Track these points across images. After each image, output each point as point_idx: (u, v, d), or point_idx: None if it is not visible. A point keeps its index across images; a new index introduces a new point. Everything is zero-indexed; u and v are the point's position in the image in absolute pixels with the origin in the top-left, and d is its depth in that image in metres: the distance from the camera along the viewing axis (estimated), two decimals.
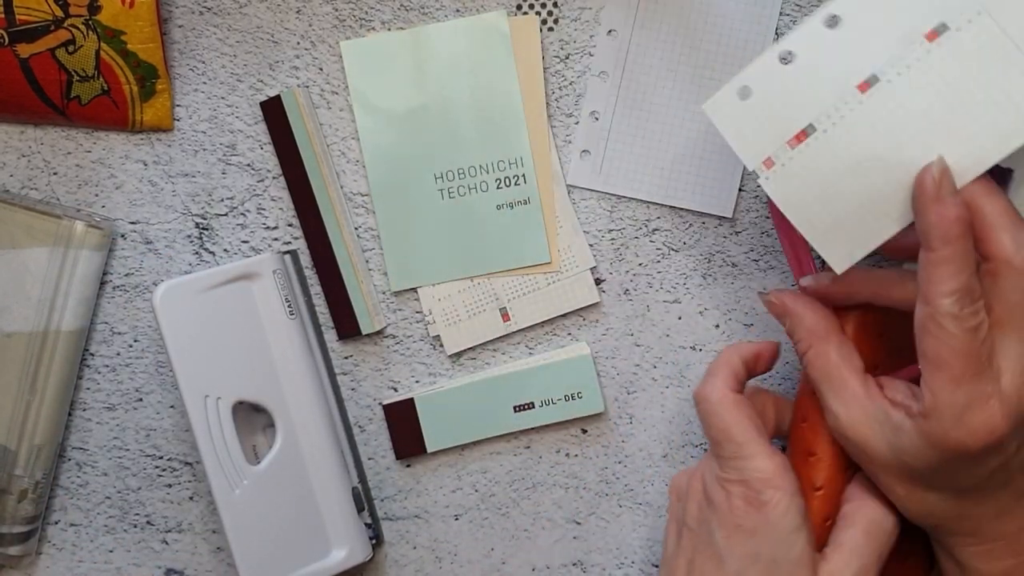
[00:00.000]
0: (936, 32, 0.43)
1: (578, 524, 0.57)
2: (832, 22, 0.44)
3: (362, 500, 0.54)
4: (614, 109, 0.55)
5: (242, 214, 0.56)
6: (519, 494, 0.57)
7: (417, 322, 0.56)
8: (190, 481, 0.57)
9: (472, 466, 0.57)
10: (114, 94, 0.55)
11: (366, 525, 0.54)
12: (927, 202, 0.41)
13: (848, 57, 0.44)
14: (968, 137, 0.43)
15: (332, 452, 0.54)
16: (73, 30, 0.54)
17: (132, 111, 0.55)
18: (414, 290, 0.56)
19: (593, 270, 0.56)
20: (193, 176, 0.56)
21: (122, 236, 0.57)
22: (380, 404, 0.57)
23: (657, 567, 0.56)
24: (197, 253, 0.57)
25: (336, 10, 0.56)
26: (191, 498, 0.57)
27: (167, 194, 0.57)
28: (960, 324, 0.40)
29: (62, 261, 0.54)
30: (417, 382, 0.57)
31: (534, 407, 0.56)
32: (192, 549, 0.57)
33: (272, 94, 0.56)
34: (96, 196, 0.57)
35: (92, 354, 0.57)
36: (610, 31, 0.55)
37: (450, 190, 0.56)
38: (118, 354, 0.57)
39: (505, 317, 0.56)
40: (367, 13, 0.56)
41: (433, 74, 0.55)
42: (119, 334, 0.57)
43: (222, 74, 0.56)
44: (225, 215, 0.57)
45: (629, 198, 0.56)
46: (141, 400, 0.57)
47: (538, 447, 0.57)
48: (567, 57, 0.56)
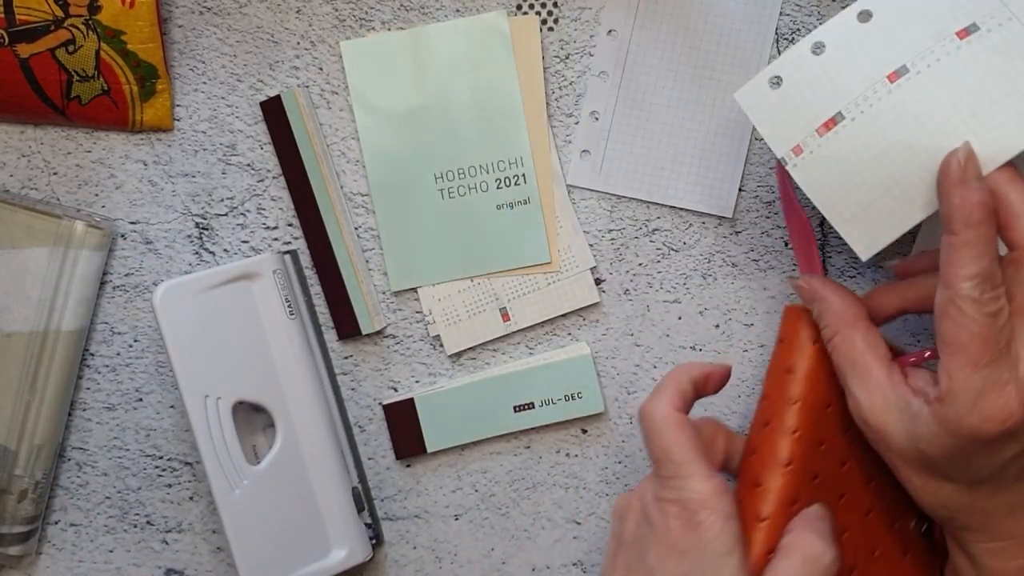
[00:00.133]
0: (967, 31, 0.44)
1: (578, 524, 0.57)
2: (864, 17, 0.45)
3: (362, 500, 0.54)
4: (614, 109, 0.56)
5: (242, 214, 0.57)
6: (519, 494, 0.57)
7: (417, 322, 0.56)
8: (190, 481, 0.57)
9: (472, 466, 0.57)
10: (114, 94, 0.55)
11: (366, 525, 0.54)
12: (951, 185, 0.42)
13: (879, 50, 0.45)
14: (994, 126, 0.43)
15: (332, 452, 0.54)
16: (73, 30, 0.54)
17: (132, 111, 0.55)
18: (414, 290, 0.56)
19: (593, 270, 0.56)
20: (193, 176, 0.56)
21: (122, 236, 0.57)
22: (380, 404, 0.57)
23: None
24: (197, 253, 0.57)
25: (336, 10, 0.56)
26: (191, 498, 0.57)
27: (167, 194, 0.57)
28: (979, 308, 0.40)
29: (62, 261, 0.54)
30: (417, 382, 0.57)
31: (534, 407, 0.56)
32: (192, 549, 0.57)
33: (272, 94, 0.56)
34: (96, 196, 0.57)
35: (92, 354, 0.57)
36: (610, 31, 0.55)
37: (450, 190, 0.56)
38: (118, 354, 0.57)
39: (505, 317, 0.56)
40: (367, 13, 0.56)
41: (433, 74, 0.55)
42: (119, 334, 0.57)
43: (222, 74, 0.56)
44: (225, 215, 0.57)
45: (629, 198, 0.56)
46: (141, 400, 0.57)
47: (538, 447, 0.57)
48: (567, 57, 0.56)
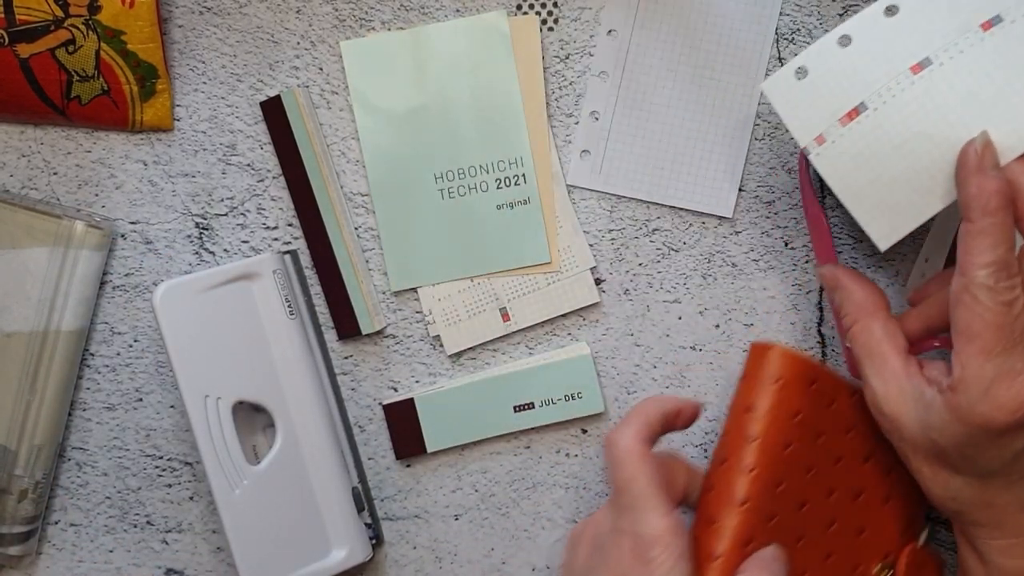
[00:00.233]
0: (991, 23, 0.44)
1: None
2: (891, 11, 0.46)
3: (362, 500, 0.54)
4: (614, 109, 0.55)
5: (242, 214, 0.57)
6: (519, 494, 0.57)
7: (417, 322, 0.56)
8: (190, 481, 0.57)
9: (472, 466, 0.57)
10: (114, 94, 0.55)
11: (366, 525, 0.54)
12: (968, 173, 0.42)
13: (903, 42, 0.45)
14: (1014, 118, 0.44)
15: (332, 452, 0.54)
16: (73, 30, 0.54)
17: (132, 111, 0.55)
18: (414, 290, 0.56)
19: (593, 270, 0.56)
20: (193, 176, 0.56)
21: (122, 236, 0.57)
22: (380, 404, 0.57)
23: None
24: (197, 253, 0.57)
25: (336, 10, 0.56)
26: (191, 498, 0.57)
27: (167, 194, 0.57)
28: (994, 297, 0.40)
29: (62, 261, 0.54)
30: (417, 382, 0.57)
31: (534, 407, 0.56)
32: (192, 549, 0.57)
33: (272, 94, 0.56)
34: (96, 196, 0.57)
35: (92, 354, 0.57)
36: (610, 31, 0.55)
37: (450, 190, 0.56)
38: (118, 354, 0.57)
39: (505, 317, 0.56)
40: (367, 13, 0.56)
41: (433, 74, 0.55)
42: (119, 334, 0.57)
43: (222, 74, 0.56)
44: (225, 215, 0.57)
45: (629, 198, 0.56)
46: (141, 400, 0.57)
47: (538, 447, 0.57)
48: (567, 57, 0.56)
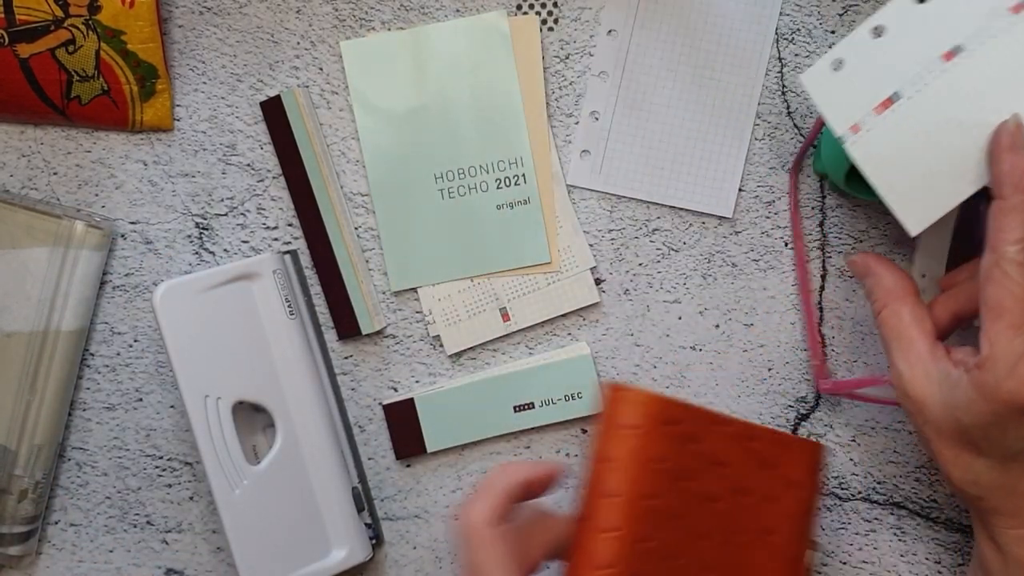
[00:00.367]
0: (1021, 4, 0.45)
1: None
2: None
3: (362, 500, 0.54)
4: (614, 109, 0.55)
5: (242, 214, 0.57)
6: None
7: (417, 322, 0.56)
8: (190, 481, 0.57)
9: (472, 466, 0.57)
10: (114, 94, 0.55)
11: (366, 525, 0.54)
12: (1001, 151, 0.43)
13: (935, 29, 0.46)
14: None
15: (332, 452, 0.54)
16: (73, 30, 0.54)
17: (132, 111, 0.55)
18: (414, 290, 0.56)
19: (593, 270, 0.56)
20: (193, 176, 0.56)
21: (122, 236, 0.57)
22: (380, 404, 0.57)
23: None
24: (197, 253, 0.57)
25: (336, 10, 0.56)
26: (191, 498, 0.57)
27: (167, 194, 0.57)
28: None
29: (62, 261, 0.54)
30: (417, 382, 0.57)
31: (534, 407, 0.56)
32: (192, 549, 0.57)
33: (272, 94, 0.56)
34: (96, 196, 0.57)
35: (92, 354, 0.57)
36: (610, 31, 0.55)
37: (450, 190, 0.56)
38: (118, 354, 0.57)
39: (505, 317, 0.56)
40: (367, 13, 0.56)
41: (433, 74, 0.55)
42: (119, 334, 0.57)
43: (222, 74, 0.56)
44: (225, 215, 0.57)
45: (629, 198, 0.56)
46: (141, 400, 0.57)
47: (538, 447, 0.57)
48: (567, 57, 0.56)
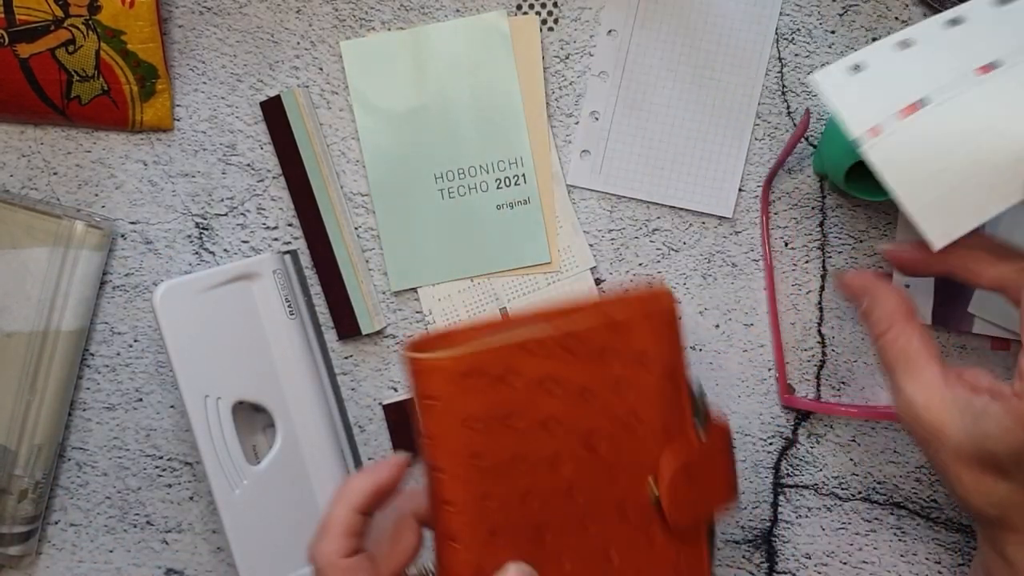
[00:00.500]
0: None
1: None
2: (954, 22, 0.45)
3: None
4: (614, 109, 0.55)
5: (242, 214, 0.56)
6: None
7: (417, 322, 0.56)
8: (190, 481, 0.57)
9: None
10: (114, 94, 0.55)
11: None
12: None
13: (969, 48, 0.44)
14: None
15: (332, 452, 0.54)
16: (73, 30, 0.54)
17: (132, 111, 0.55)
18: (414, 290, 0.56)
19: (593, 270, 0.56)
20: (193, 176, 0.56)
21: (122, 236, 0.57)
22: (380, 404, 0.57)
23: None
24: (197, 253, 0.57)
25: (336, 10, 0.56)
26: (191, 498, 0.57)
27: (167, 194, 0.57)
28: None
29: (62, 261, 0.54)
30: None
31: None
32: (192, 549, 0.57)
33: (272, 94, 0.56)
34: (96, 196, 0.57)
35: (92, 354, 0.57)
36: (610, 31, 0.55)
37: (450, 190, 0.56)
38: (118, 354, 0.57)
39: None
40: (367, 13, 0.56)
41: (433, 74, 0.55)
42: (119, 334, 0.57)
43: (222, 74, 0.56)
44: (225, 215, 0.57)
45: (629, 198, 0.56)
46: (141, 400, 0.57)
47: None
48: (567, 57, 0.56)
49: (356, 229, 0.56)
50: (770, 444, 0.56)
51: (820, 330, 0.56)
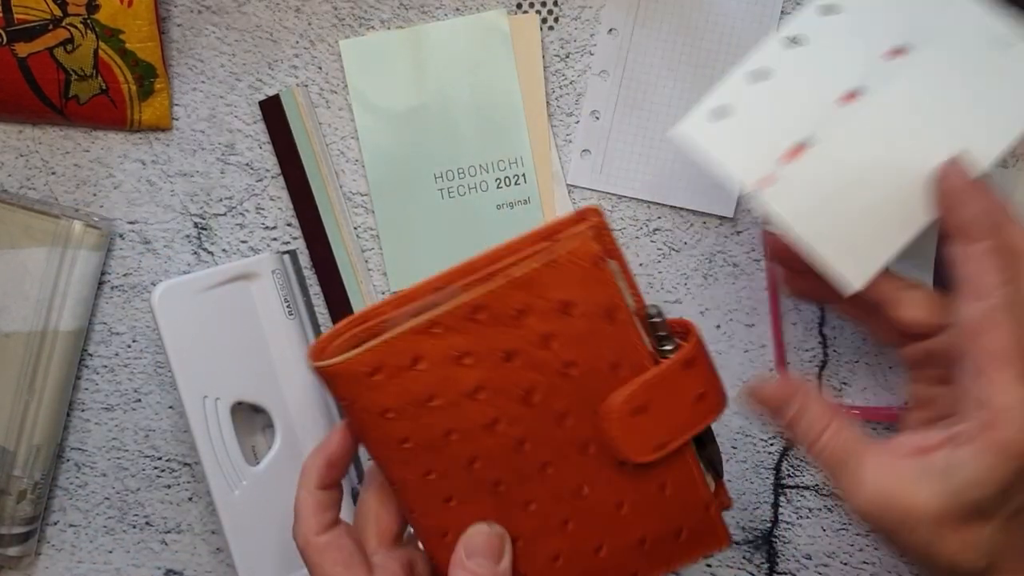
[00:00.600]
0: (901, 49, 0.43)
1: None
2: (794, 42, 0.44)
3: None
4: (614, 108, 0.55)
5: (241, 214, 0.56)
6: None
7: None
8: (189, 482, 0.57)
9: None
10: (112, 93, 0.55)
11: None
12: (963, 194, 0.40)
13: (824, 72, 0.43)
14: (966, 134, 0.42)
15: None
16: (71, 29, 0.53)
17: (130, 110, 0.55)
18: None
19: None
20: (192, 176, 0.56)
21: (120, 236, 0.56)
22: None
23: None
24: (196, 253, 0.56)
25: (335, 9, 0.56)
26: (190, 499, 0.57)
27: (165, 194, 0.56)
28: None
29: (60, 261, 0.54)
30: None
31: None
32: (191, 550, 0.57)
33: (271, 93, 0.56)
34: (94, 196, 0.56)
35: (90, 354, 0.57)
36: (610, 30, 0.55)
37: (450, 190, 0.55)
38: (116, 354, 0.57)
39: None
40: (366, 12, 0.56)
41: (433, 73, 0.55)
42: (117, 334, 0.57)
43: (221, 73, 0.56)
44: (224, 215, 0.56)
45: (629, 198, 0.56)
46: (140, 401, 0.57)
47: None
48: (567, 56, 0.56)
49: (355, 229, 0.56)
50: (771, 445, 0.56)
51: (822, 330, 0.55)
